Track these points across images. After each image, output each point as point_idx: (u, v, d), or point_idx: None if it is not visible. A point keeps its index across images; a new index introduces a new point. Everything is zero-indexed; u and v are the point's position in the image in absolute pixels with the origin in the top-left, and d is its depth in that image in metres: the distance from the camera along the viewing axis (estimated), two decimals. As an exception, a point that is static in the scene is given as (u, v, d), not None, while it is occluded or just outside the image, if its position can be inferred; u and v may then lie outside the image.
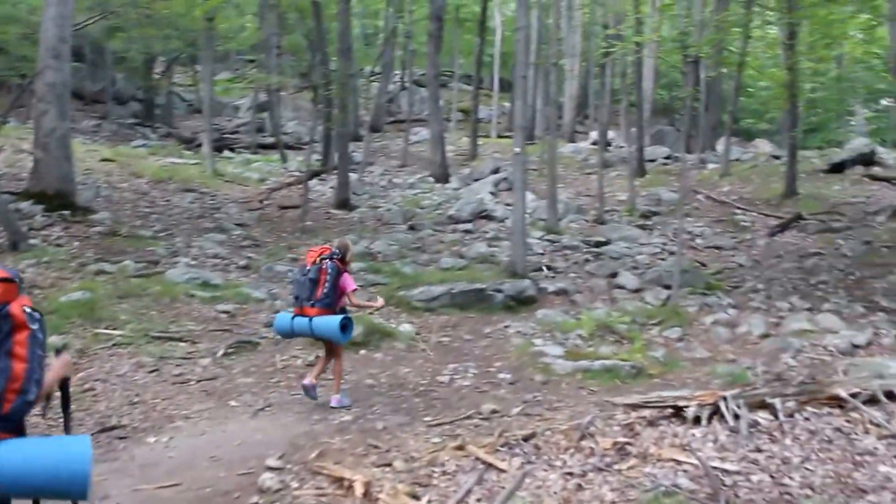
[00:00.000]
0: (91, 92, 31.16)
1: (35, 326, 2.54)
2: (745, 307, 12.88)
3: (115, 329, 8.28)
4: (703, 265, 16.23)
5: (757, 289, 14.37)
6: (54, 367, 2.73)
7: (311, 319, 6.56)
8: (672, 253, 17.63)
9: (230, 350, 8.16)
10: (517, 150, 12.70)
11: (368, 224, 17.48)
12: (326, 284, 6.60)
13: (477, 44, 32.26)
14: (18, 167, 16.42)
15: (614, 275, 14.46)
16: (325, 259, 6.69)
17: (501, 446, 5.40)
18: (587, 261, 15.87)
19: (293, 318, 6.67)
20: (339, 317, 6.59)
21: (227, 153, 26.40)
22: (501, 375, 7.74)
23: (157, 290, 10.00)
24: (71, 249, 11.62)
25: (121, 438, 5.58)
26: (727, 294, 13.79)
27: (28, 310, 2.54)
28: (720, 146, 29.90)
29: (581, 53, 35.07)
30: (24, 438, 2.53)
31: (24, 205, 13.11)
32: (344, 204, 18.80)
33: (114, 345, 7.73)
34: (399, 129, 36.37)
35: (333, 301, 6.65)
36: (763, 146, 35.20)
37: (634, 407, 5.97)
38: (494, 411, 6.34)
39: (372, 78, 38.72)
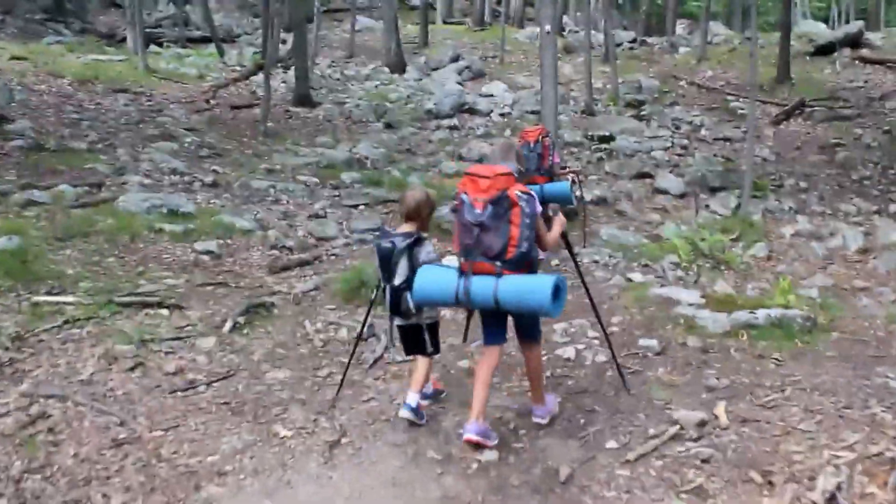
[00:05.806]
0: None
1: (523, 204, 3.84)
2: (809, 212, 10.99)
3: (62, 293, 5.62)
4: (730, 160, 14.17)
5: (801, 187, 12.56)
6: (554, 226, 4.30)
7: (542, 186, 6.84)
8: (685, 148, 15.52)
9: (238, 322, 5.53)
10: (547, 28, 10.15)
11: (337, 123, 14.65)
12: (550, 157, 7.44)
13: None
14: None
15: (644, 175, 12.31)
16: (545, 137, 7.49)
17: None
18: (601, 159, 13.64)
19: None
20: (568, 182, 7.28)
21: (153, 48, 23.37)
22: (642, 342, 5.37)
23: (109, 224, 7.27)
24: (-18, 172, 8.66)
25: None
26: (774, 195, 11.88)
27: (518, 192, 3.85)
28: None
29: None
30: (517, 275, 3.82)
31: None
32: (305, 100, 15.89)
33: (65, 322, 5.08)
34: (333, 18, 33.17)
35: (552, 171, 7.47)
36: (717, 28, 33.47)
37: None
38: (702, 422, 4.05)
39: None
